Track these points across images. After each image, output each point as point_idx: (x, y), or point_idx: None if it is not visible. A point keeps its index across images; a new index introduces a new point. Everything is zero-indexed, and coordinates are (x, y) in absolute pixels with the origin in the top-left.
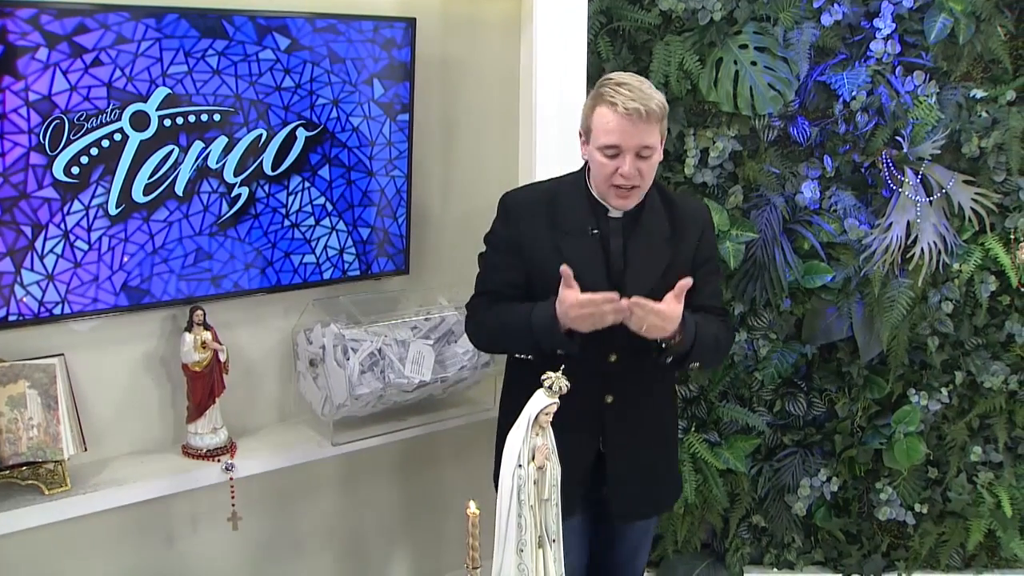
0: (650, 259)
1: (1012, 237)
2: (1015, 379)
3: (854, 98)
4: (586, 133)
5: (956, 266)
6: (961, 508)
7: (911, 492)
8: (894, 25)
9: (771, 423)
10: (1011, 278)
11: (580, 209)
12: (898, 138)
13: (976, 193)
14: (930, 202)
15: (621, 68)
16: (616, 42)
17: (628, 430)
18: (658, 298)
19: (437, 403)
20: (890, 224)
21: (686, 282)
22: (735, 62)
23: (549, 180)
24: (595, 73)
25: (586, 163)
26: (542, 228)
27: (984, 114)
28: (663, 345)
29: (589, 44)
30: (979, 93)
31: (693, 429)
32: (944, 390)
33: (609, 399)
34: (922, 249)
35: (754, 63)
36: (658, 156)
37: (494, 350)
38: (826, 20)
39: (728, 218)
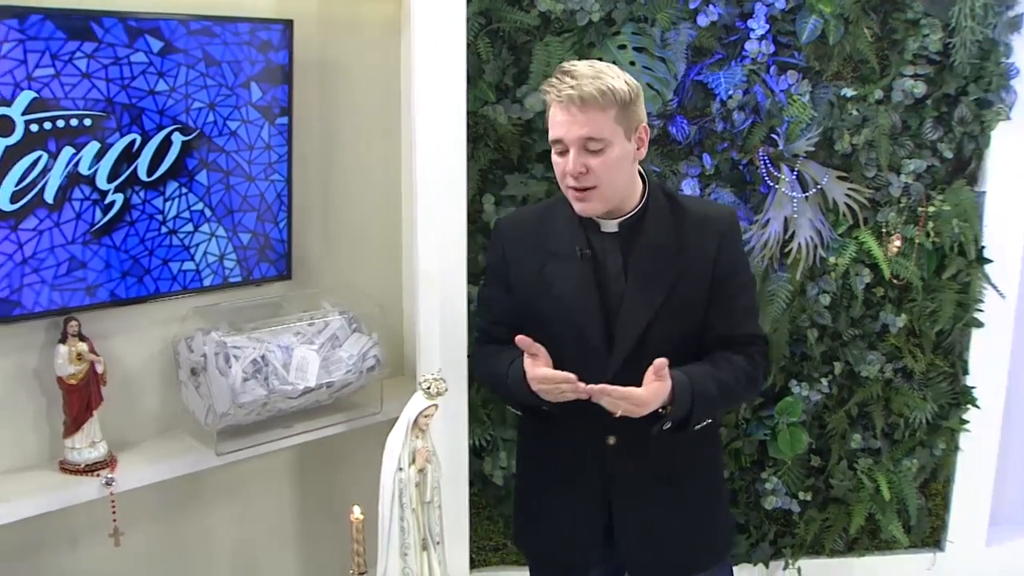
0: (652, 279)
1: (884, 231)
2: (890, 368)
3: (731, 97)
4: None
5: (832, 259)
6: (843, 494)
7: (795, 481)
8: (768, 26)
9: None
10: (884, 270)
11: (569, 226)
12: (774, 136)
13: (849, 188)
14: (806, 198)
15: (500, 69)
16: (496, 43)
17: (637, 477)
18: (664, 325)
19: (324, 409)
20: (768, 220)
21: (662, 362)
22: (614, 62)
23: (546, 200)
24: (475, 75)
25: None
26: (527, 252)
27: (855, 112)
28: (659, 413)
29: (469, 45)
30: (849, 92)
31: None
32: (824, 380)
33: (611, 441)
34: (800, 244)
35: (633, 63)
36: (616, 151)
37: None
38: (702, 21)
39: None
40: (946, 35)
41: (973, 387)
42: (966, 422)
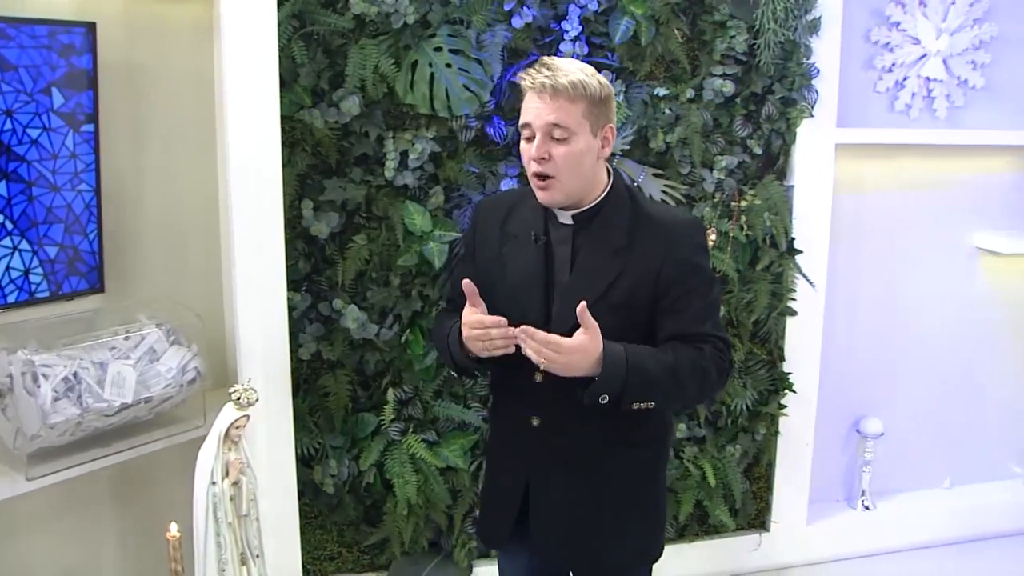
0: (594, 272)
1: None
2: None
3: None
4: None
5: None
6: (671, 483)
7: None
8: (581, 27)
9: (485, 417)
10: None
11: (533, 214)
12: None
13: (665, 185)
14: None
15: (316, 73)
16: (311, 46)
17: (557, 462)
18: (601, 319)
19: (144, 425)
20: None
21: (582, 306)
22: (430, 64)
23: (524, 188)
24: (290, 78)
25: None
26: (494, 232)
27: (668, 111)
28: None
29: (282, 49)
30: (662, 91)
31: (411, 430)
32: None
33: (535, 422)
34: None
35: (449, 65)
36: (580, 144)
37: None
38: (517, 22)
39: (431, 219)
40: (751, 36)
41: (789, 373)
42: (784, 407)
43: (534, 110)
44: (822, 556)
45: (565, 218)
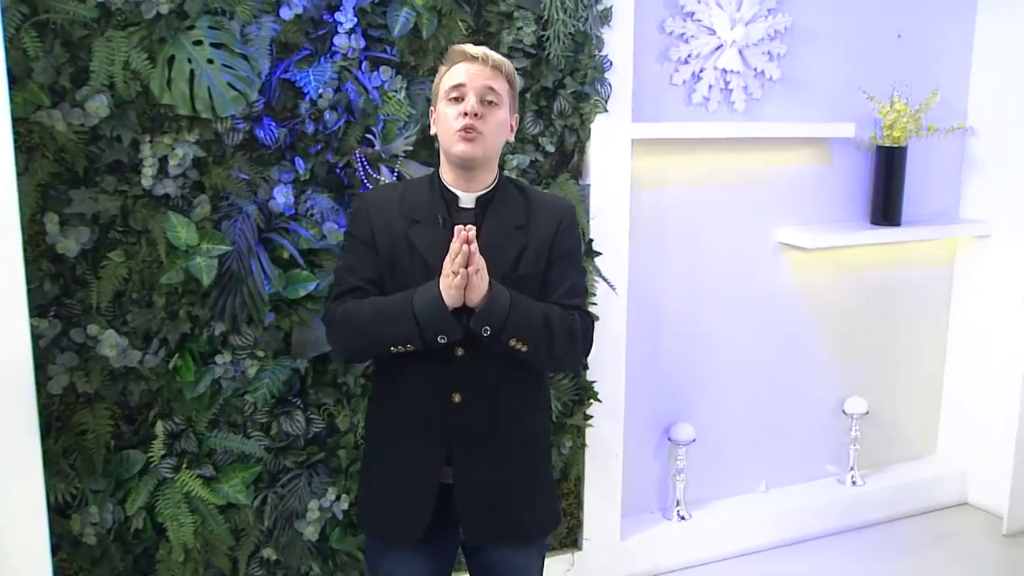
0: (502, 247)
1: None
2: None
3: (321, 96)
4: (435, 101)
5: None
6: None
7: None
8: (356, 19)
9: (270, 447)
10: None
11: (431, 200)
12: (370, 135)
13: None
14: None
15: (54, 68)
16: (47, 37)
17: (480, 436)
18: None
19: None
20: None
21: (469, 230)
22: (189, 60)
23: (405, 181)
24: (22, 73)
25: (438, 156)
26: (395, 219)
27: None
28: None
29: (10, 40)
30: None
31: (185, 466)
32: None
33: (457, 398)
34: None
35: (211, 61)
36: (503, 115)
37: (365, 351)
38: (285, 13)
39: (197, 231)
40: (540, 28)
41: (594, 381)
42: (590, 417)
43: (470, 73)
44: (639, 571)
45: (467, 201)
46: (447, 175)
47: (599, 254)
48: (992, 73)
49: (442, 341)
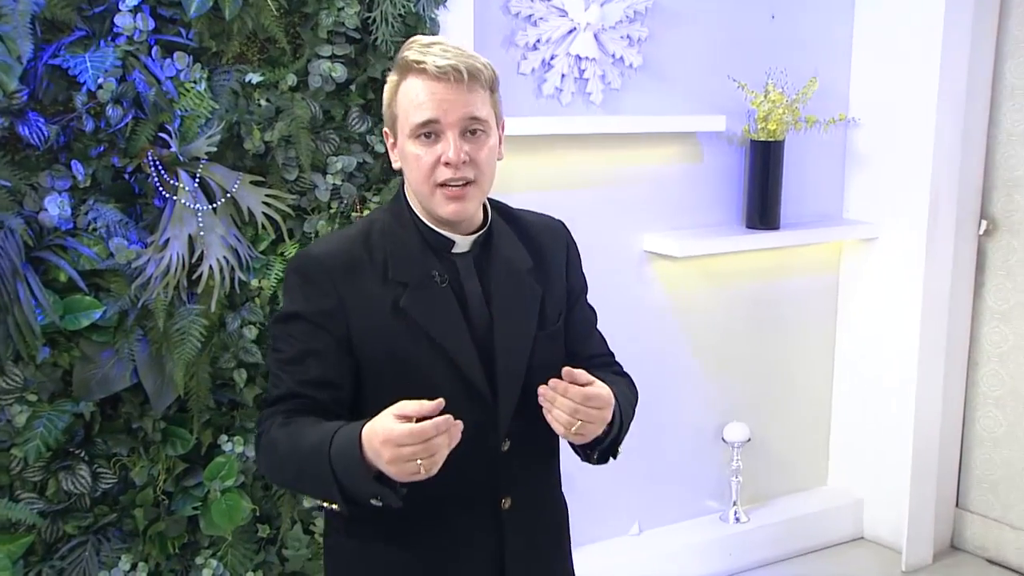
0: (520, 303)
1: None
2: None
3: (101, 86)
4: (391, 125)
5: (256, 282)
6: (302, 565)
7: (241, 559)
8: None
9: (46, 511)
10: None
11: (412, 249)
12: (164, 135)
13: (267, 195)
14: (214, 209)
15: None
16: None
17: (532, 544)
18: (541, 356)
19: None
20: (167, 240)
21: (567, 370)
22: None
23: (352, 224)
24: None
25: (402, 185)
26: (371, 287)
27: (265, 102)
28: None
29: None
30: (256, 77)
31: None
32: None
33: (507, 503)
34: (211, 267)
35: None
36: (492, 140)
37: (295, 491)
38: None
39: None
40: (364, 9)
41: None
42: None
43: (440, 101)
44: None
45: (461, 245)
46: (426, 216)
47: None
48: (874, 58)
49: (376, 504)
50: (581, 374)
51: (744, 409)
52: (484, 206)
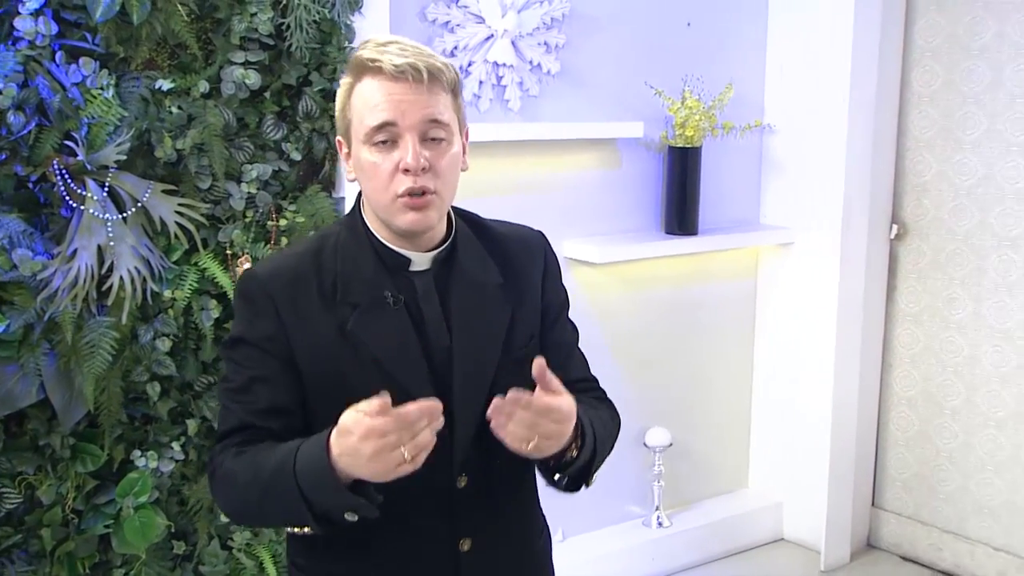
0: (483, 324)
1: (229, 252)
2: None
3: (2, 92)
4: (345, 132)
5: (169, 293)
6: None
7: None
8: None
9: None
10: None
11: (364, 268)
12: (70, 143)
13: (180, 204)
14: (124, 219)
15: None
16: None
17: None
18: (505, 384)
19: None
20: (75, 251)
21: (541, 363)
22: None
23: (304, 240)
24: None
25: (358, 198)
26: (316, 308)
27: (176, 109)
28: (554, 463)
29: None
30: (167, 84)
31: None
32: (177, 445)
33: (465, 545)
34: (122, 278)
35: None
36: (455, 147)
37: (259, 522)
38: None
39: None
40: (278, 14)
41: None
42: None
43: (399, 103)
44: None
45: (420, 263)
46: (382, 232)
47: None
48: (788, 66)
49: (351, 519)
50: (553, 379)
51: (665, 414)
52: (449, 218)
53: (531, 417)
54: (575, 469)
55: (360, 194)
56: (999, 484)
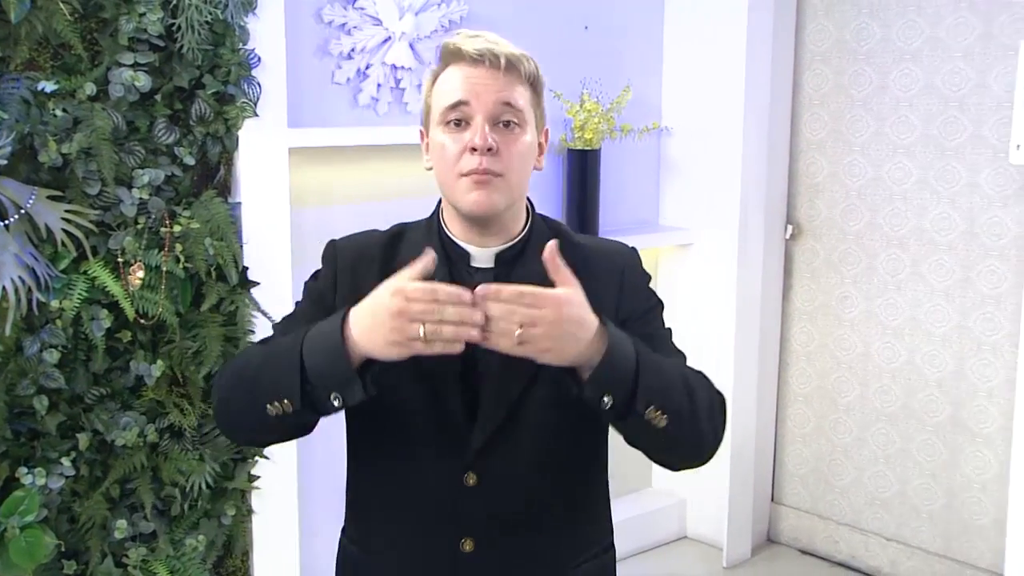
0: None
1: (121, 260)
2: (153, 429)
3: None
4: (425, 119)
5: (56, 303)
6: None
7: None
8: None
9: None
10: (127, 310)
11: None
12: None
13: (67, 211)
14: (6, 226)
15: None
16: None
17: None
18: (544, 390)
19: None
20: None
21: (552, 246)
22: None
23: (396, 224)
24: None
25: (440, 200)
26: (368, 284)
27: (61, 112)
28: (579, 384)
29: None
30: (50, 86)
31: None
32: (67, 460)
33: (468, 546)
34: (4, 288)
35: None
36: (528, 139)
37: (241, 413)
38: None
39: None
40: (168, 15)
41: None
42: (256, 478)
43: (475, 84)
44: None
45: (483, 259)
46: (453, 224)
47: (256, 284)
48: (684, 69)
49: (335, 403)
50: (562, 267)
51: None
52: (530, 216)
53: (507, 305)
54: (605, 378)
55: (441, 201)
56: (890, 477)
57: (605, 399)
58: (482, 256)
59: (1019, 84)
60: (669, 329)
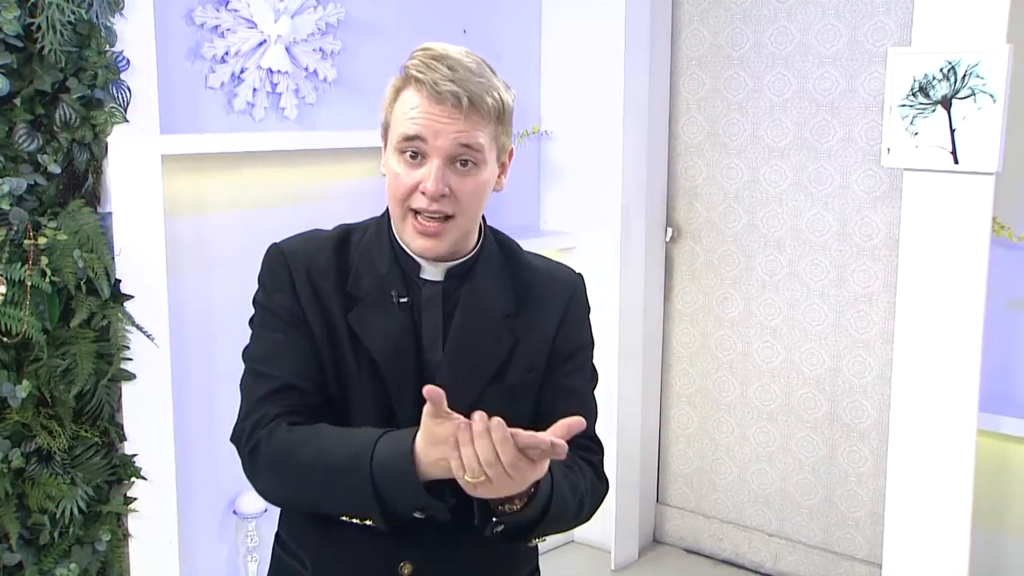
0: (480, 348)
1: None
2: (18, 453)
3: None
4: (384, 129)
5: None
6: None
7: None
8: None
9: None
10: None
11: (380, 263)
12: None
13: None
14: None
15: None
16: None
17: None
18: (492, 408)
19: None
20: None
21: (577, 422)
22: None
23: (339, 225)
24: None
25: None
26: (326, 291)
27: None
28: (495, 512)
29: None
30: None
31: None
32: None
33: (407, 569)
34: None
35: None
36: (486, 174)
37: (309, 507)
38: None
39: None
40: (26, 13)
41: (135, 455)
42: (133, 500)
43: (434, 123)
44: None
45: (432, 272)
46: (393, 219)
47: (129, 297)
48: (563, 73)
49: (419, 517)
50: (577, 422)
51: None
52: (483, 233)
53: (494, 454)
54: (514, 522)
55: None
56: (771, 474)
57: (496, 530)
58: (433, 270)
59: (887, 90)
60: (593, 368)
